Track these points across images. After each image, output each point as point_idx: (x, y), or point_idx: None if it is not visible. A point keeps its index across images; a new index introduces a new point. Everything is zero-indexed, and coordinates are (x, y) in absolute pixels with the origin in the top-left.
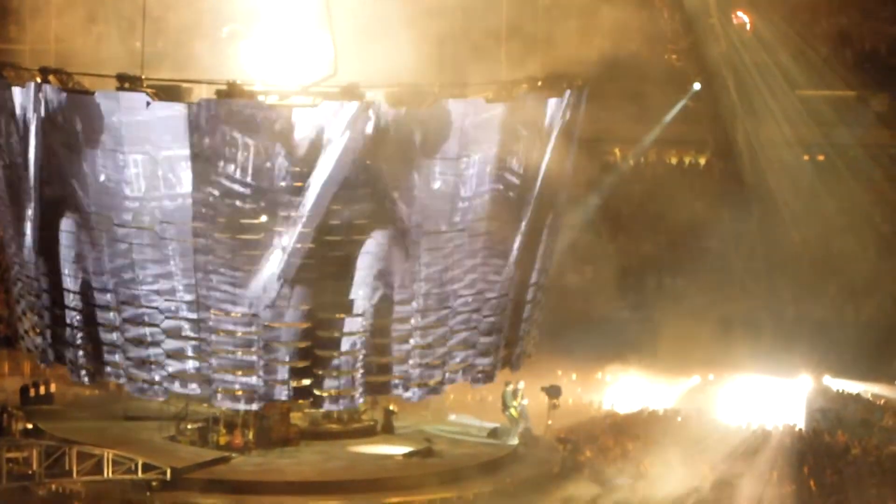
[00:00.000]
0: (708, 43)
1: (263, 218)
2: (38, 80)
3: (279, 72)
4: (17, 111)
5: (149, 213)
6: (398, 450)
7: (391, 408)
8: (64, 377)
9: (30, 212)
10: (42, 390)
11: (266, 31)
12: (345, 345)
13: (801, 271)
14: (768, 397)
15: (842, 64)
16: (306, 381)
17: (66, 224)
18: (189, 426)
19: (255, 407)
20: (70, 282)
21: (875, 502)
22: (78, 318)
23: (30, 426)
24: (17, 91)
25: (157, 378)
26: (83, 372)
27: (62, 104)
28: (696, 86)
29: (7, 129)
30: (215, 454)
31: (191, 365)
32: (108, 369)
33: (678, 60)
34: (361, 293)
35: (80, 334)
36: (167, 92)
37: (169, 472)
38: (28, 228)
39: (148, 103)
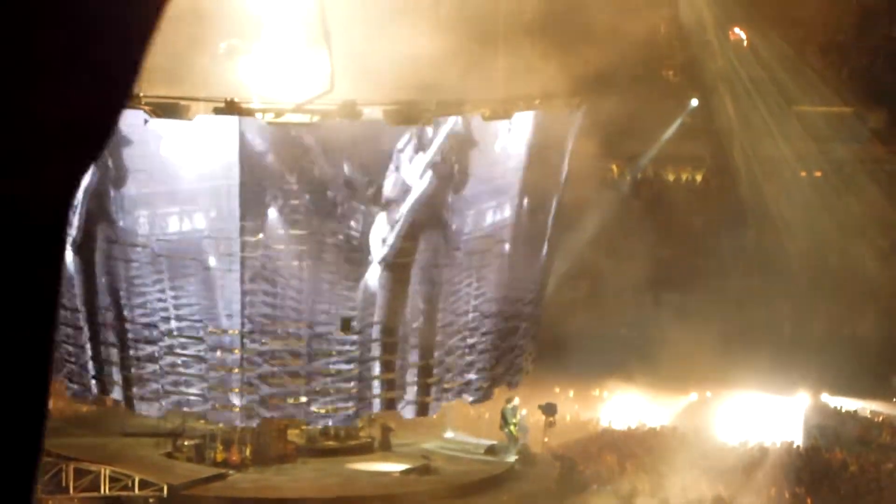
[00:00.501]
0: (705, 59)
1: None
2: None
3: (277, 88)
4: None
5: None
6: (395, 467)
7: (388, 425)
8: (60, 393)
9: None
10: None
11: (264, 46)
12: (412, 359)
13: (798, 288)
14: (766, 414)
15: (838, 80)
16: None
17: (100, 245)
18: (186, 443)
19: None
20: (100, 301)
21: None
22: (108, 337)
23: None
24: None
25: (166, 391)
26: (92, 387)
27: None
28: (694, 102)
29: None
30: (212, 471)
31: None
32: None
33: (675, 76)
34: (410, 311)
35: (101, 352)
36: (165, 109)
37: (165, 488)
38: (69, 249)
39: (145, 120)
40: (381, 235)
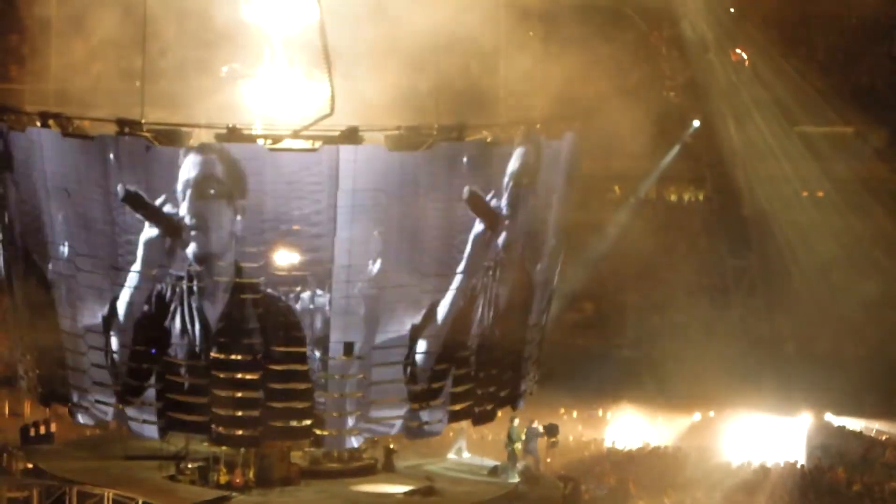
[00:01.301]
0: (706, 80)
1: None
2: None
3: (278, 111)
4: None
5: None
6: (399, 488)
7: (391, 446)
8: (64, 417)
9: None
10: (42, 430)
11: (266, 70)
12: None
13: (800, 307)
14: (769, 434)
15: (840, 100)
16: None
17: None
18: (189, 465)
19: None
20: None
21: None
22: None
23: (30, 466)
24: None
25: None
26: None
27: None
28: (696, 123)
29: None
30: (216, 493)
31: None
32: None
33: (677, 97)
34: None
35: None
36: (167, 136)
37: None
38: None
39: (148, 147)
40: None
